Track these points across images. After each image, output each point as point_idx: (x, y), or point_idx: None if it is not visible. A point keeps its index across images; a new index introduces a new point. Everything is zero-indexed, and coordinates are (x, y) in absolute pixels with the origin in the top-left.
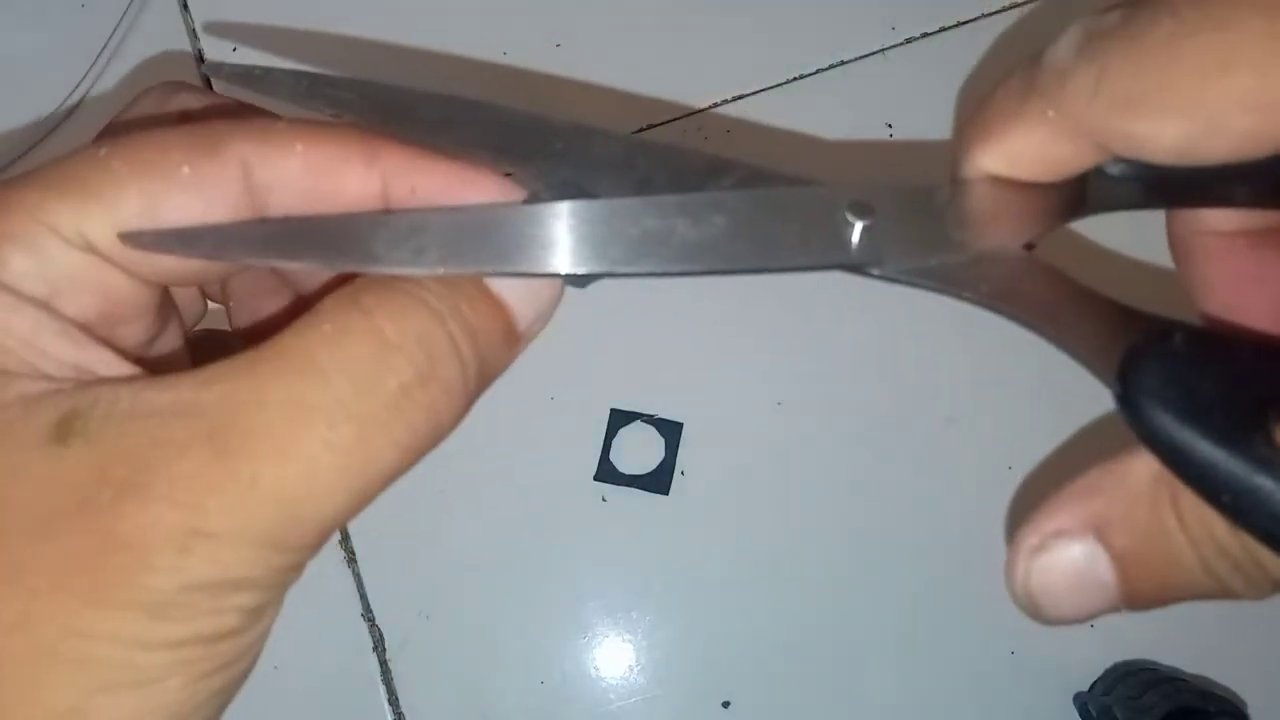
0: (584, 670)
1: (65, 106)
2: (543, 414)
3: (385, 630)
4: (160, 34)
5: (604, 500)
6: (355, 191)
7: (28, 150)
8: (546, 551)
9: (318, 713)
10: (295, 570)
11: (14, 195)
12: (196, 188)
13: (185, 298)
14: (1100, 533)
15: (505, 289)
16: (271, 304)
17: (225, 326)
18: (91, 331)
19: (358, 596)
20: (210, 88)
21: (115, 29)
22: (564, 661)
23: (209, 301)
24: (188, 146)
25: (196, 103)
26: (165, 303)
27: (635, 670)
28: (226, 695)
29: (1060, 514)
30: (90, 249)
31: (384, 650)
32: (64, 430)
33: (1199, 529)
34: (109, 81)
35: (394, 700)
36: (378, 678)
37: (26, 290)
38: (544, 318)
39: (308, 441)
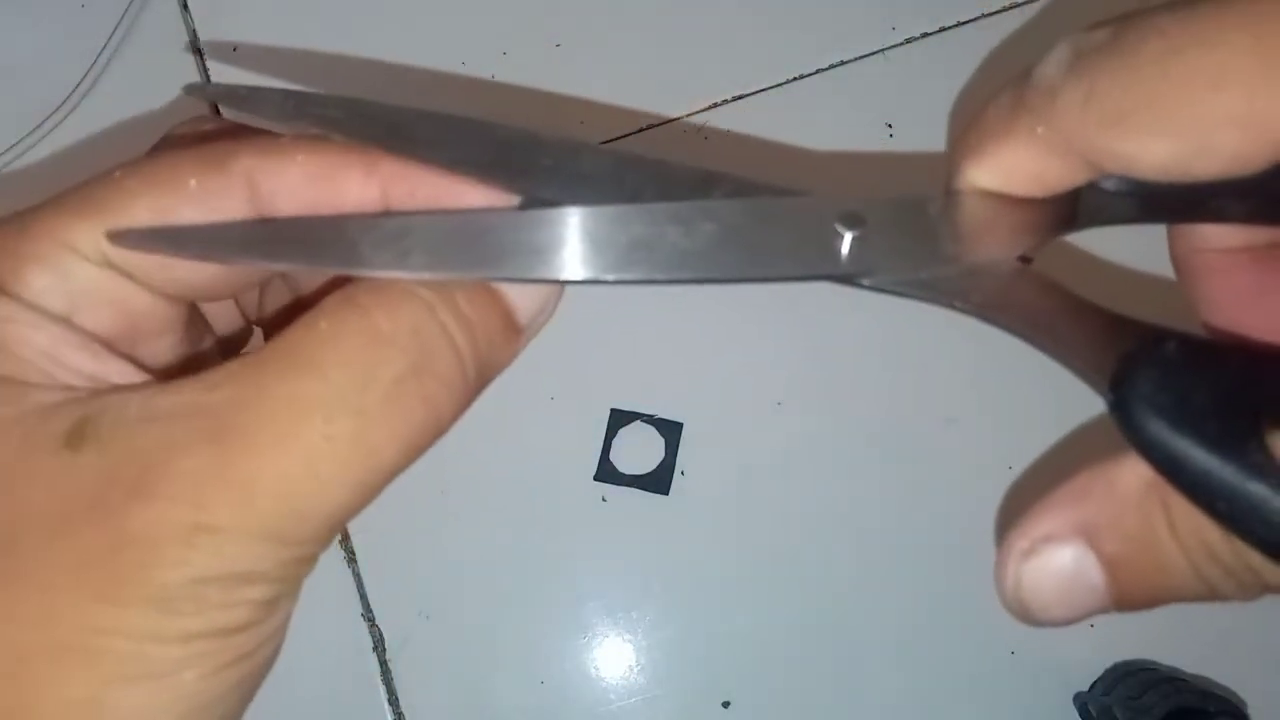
0: (584, 670)
1: (65, 106)
2: (543, 414)
3: (385, 630)
4: (160, 34)
5: (604, 500)
6: (355, 199)
7: (27, 150)
8: (546, 551)
9: (318, 713)
10: (306, 563)
11: (34, 218)
12: (204, 199)
13: (226, 319)
14: (1090, 538)
15: (504, 283)
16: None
17: None
18: (112, 345)
19: (358, 596)
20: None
21: (115, 29)
22: (564, 661)
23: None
24: (195, 162)
25: (209, 128)
26: (194, 320)
27: (635, 670)
28: (247, 687)
29: (1049, 518)
30: (108, 264)
31: (384, 650)
32: (77, 436)
33: (1190, 535)
34: (109, 81)
35: (394, 700)
36: (378, 678)
37: (47, 306)
38: (546, 312)
39: (306, 435)
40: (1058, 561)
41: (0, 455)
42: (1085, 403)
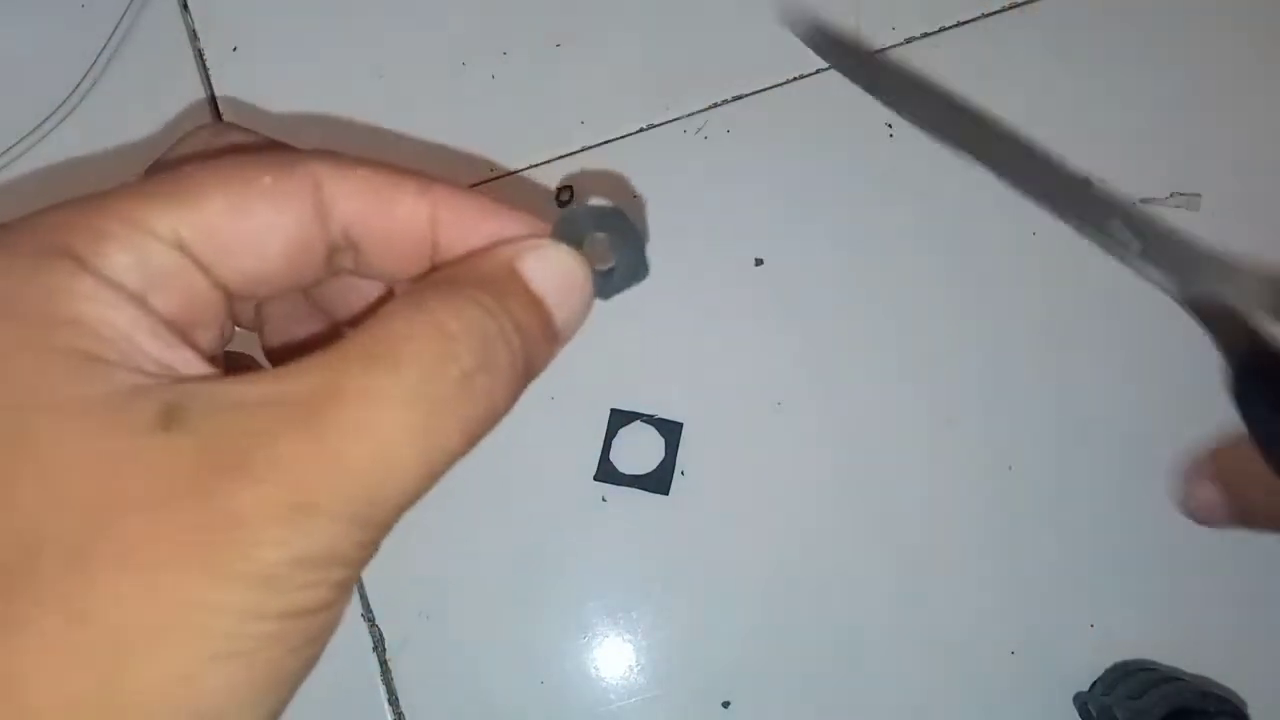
0: (584, 670)
1: (65, 106)
2: (543, 414)
3: (385, 630)
4: (160, 34)
5: (604, 500)
6: (407, 213)
7: (28, 149)
8: (546, 551)
9: (318, 713)
10: (373, 548)
11: (112, 199)
12: (275, 195)
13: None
14: (1219, 482)
15: (544, 291)
16: (304, 329)
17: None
18: (178, 332)
19: (358, 596)
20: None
21: (115, 29)
22: (564, 661)
23: (237, 326)
24: (269, 163)
25: (246, 140)
26: (228, 316)
27: (635, 670)
28: (303, 675)
29: (1202, 469)
30: (182, 248)
31: (384, 650)
32: (167, 419)
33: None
34: (109, 81)
35: (394, 700)
36: (378, 678)
37: (126, 284)
38: (578, 318)
39: (385, 423)
40: (1207, 491)
41: (89, 434)
42: (1084, 403)
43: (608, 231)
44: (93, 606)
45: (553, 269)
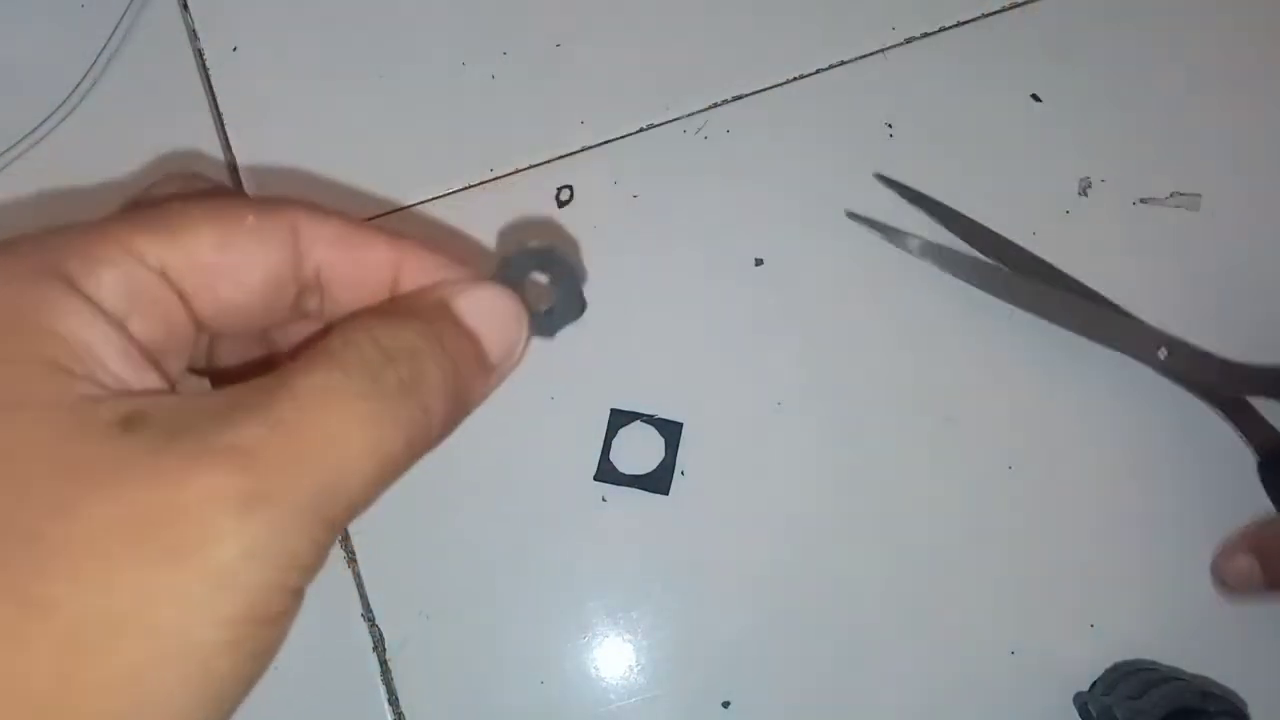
0: (584, 670)
1: (65, 106)
2: (543, 414)
3: (385, 630)
4: (160, 34)
5: (604, 500)
6: (376, 261)
7: (28, 149)
8: (546, 551)
9: (318, 713)
10: (324, 552)
11: (107, 226)
12: (258, 234)
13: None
14: (1256, 553)
15: (475, 325)
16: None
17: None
18: (148, 355)
19: (358, 596)
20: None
21: (115, 29)
22: (564, 661)
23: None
24: (253, 206)
25: (211, 188)
26: (193, 351)
27: (635, 670)
28: (243, 697)
29: (1240, 542)
30: (166, 277)
31: (384, 650)
32: (128, 424)
33: None
34: (109, 81)
35: (394, 700)
36: (378, 678)
37: (108, 306)
38: (513, 351)
39: (337, 415)
40: (1241, 563)
41: (52, 433)
42: (1082, 404)
43: (546, 272)
44: (48, 594)
45: (483, 305)
